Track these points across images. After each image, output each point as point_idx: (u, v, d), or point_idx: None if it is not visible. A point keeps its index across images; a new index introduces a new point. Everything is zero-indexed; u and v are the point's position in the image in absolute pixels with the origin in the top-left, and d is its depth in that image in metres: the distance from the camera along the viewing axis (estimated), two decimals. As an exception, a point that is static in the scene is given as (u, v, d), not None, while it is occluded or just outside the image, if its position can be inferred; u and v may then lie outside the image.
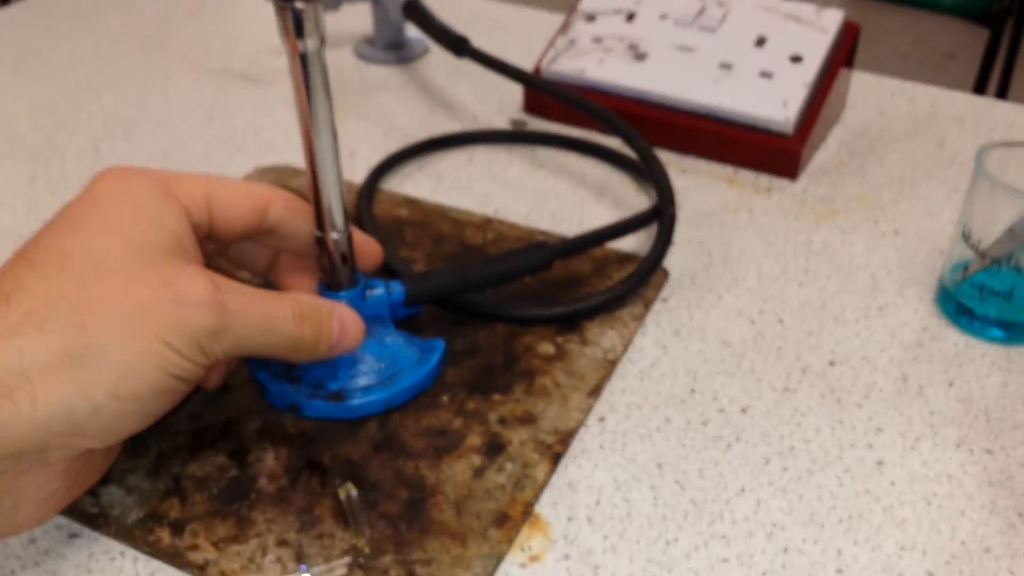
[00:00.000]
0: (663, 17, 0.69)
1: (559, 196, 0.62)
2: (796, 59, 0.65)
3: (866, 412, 0.45)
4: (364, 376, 0.45)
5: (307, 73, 0.39)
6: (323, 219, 0.43)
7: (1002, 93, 1.59)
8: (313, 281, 0.46)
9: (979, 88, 1.50)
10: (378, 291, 0.47)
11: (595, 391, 0.46)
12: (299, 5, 0.37)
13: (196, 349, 0.36)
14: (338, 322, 0.42)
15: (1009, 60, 1.66)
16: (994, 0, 1.41)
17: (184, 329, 0.36)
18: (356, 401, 0.45)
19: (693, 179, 0.63)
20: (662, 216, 0.54)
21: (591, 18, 0.70)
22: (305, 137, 0.41)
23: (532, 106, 0.71)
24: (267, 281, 0.48)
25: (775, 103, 0.63)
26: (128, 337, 0.35)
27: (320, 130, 0.41)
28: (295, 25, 0.38)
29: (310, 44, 0.39)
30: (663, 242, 0.53)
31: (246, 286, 0.39)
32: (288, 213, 0.44)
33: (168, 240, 0.38)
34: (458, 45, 0.66)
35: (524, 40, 0.78)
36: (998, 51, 1.62)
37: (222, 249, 0.46)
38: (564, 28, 0.70)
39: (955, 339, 0.50)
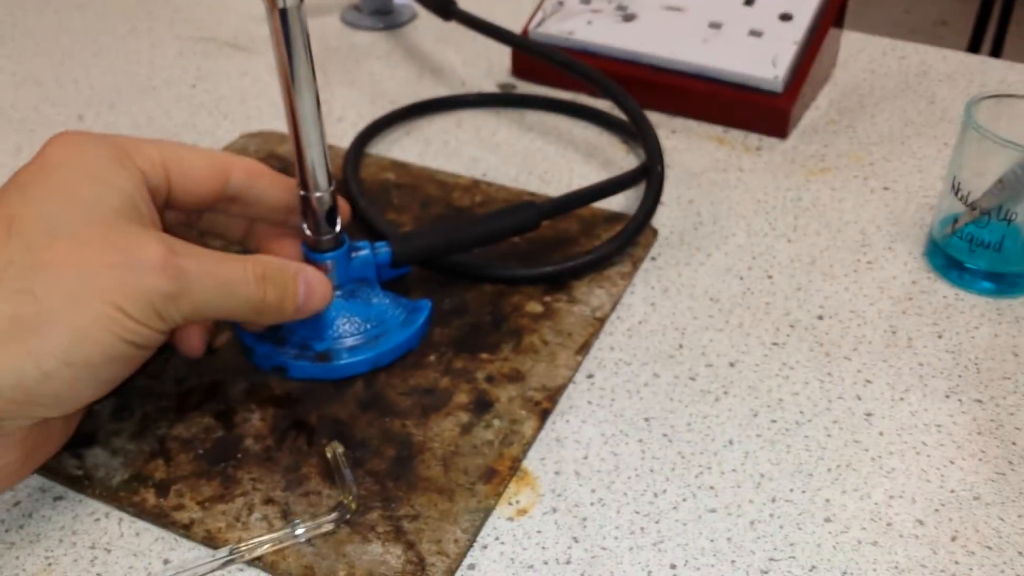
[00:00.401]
0: (651, -23, 0.68)
1: (548, 159, 0.61)
2: (786, 17, 0.64)
3: (855, 364, 0.45)
4: (350, 337, 0.45)
5: (286, 28, 0.39)
6: (306, 178, 0.42)
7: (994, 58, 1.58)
8: (296, 246, 0.45)
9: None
10: (364, 252, 0.46)
11: (583, 348, 0.46)
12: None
13: (151, 313, 0.36)
14: (303, 283, 0.41)
15: (1002, 25, 1.65)
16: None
17: (138, 293, 0.35)
18: (342, 361, 0.44)
19: (683, 139, 0.63)
20: (651, 174, 0.54)
21: (578, -20, 0.69)
22: (286, 94, 0.41)
23: (520, 70, 0.70)
24: (244, 250, 0.47)
25: (765, 62, 0.62)
26: (78, 302, 0.34)
27: (301, 87, 0.40)
28: (273, -21, 0.38)
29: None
30: (652, 200, 0.53)
31: (205, 249, 0.38)
32: (251, 179, 0.43)
33: (121, 204, 0.37)
34: (445, 7, 0.65)
35: (512, 3, 0.78)
36: (990, 17, 1.61)
37: (191, 219, 0.45)
38: (551, -10, 0.70)
39: (944, 291, 0.49)
